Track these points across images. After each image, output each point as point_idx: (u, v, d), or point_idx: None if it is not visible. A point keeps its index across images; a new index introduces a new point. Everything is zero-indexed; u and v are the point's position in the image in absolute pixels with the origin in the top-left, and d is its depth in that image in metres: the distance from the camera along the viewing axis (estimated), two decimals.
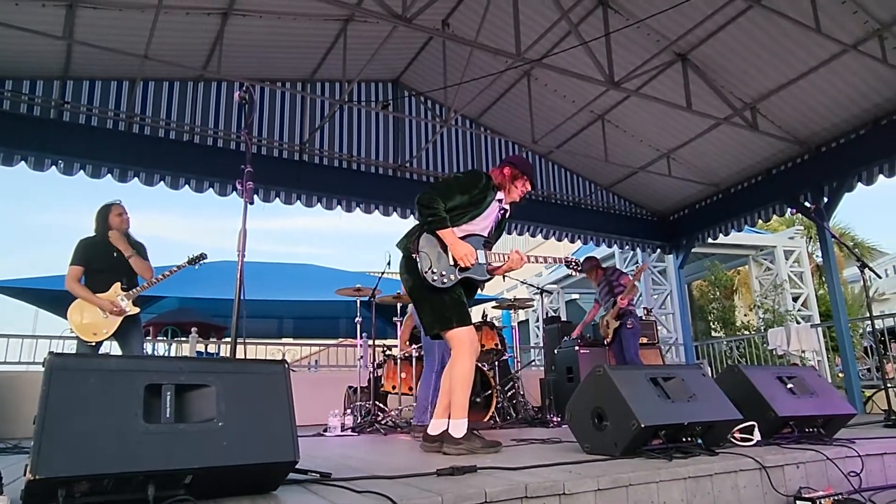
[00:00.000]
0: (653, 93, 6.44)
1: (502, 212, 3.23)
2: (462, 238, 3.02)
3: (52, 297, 7.32)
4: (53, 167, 5.78)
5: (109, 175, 6.00)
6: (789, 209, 7.33)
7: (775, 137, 6.76)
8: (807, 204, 7.15)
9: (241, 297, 2.43)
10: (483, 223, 3.12)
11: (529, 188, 3.23)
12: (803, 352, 8.24)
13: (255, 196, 6.54)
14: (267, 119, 6.83)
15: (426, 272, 2.90)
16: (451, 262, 2.95)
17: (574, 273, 3.71)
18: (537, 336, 13.15)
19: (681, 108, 6.22)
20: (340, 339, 13.72)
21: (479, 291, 3.27)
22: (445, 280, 2.94)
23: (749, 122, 6.58)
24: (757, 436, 2.88)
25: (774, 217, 8.27)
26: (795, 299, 12.14)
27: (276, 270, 10.08)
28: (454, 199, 3.01)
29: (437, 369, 4.39)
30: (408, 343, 5.70)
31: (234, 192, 4.86)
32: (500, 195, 3.17)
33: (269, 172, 6.56)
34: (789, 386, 3.24)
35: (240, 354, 2.49)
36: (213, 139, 6.48)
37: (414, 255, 2.95)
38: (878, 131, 6.37)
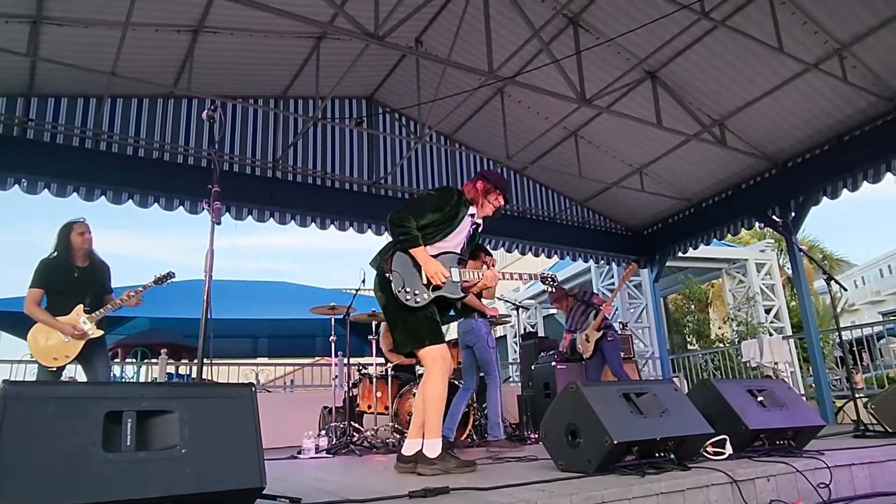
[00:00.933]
0: (624, 110, 6.56)
1: (475, 226, 3.26)
2: (435, 256, 3.05)
3: (13, 320, 7.11)
4: (16, 185, 5.65)
5: (75, 193, 5.89)
6: (758, 223, 7.50)
7: (743, 153, 6.93)
8: (775, 218, 7.33)
9: (209, 318, 2.40)
10: (456, 239, 3.15)
11: (503, 202, 3.26)
12: (776, 363, 8.39)
13: (228, 213, 6.60)
14: (239, 136, 6.79)
15: (399, 291, 2.93)
16: (424, 281, 2.98)
17: (550, 289, 3.71)
18: (515, 352, 13.15)
19: (651, 124, 6.34)
20: (316, 358, 13.58)
21: (452, 310, 3.29)
22: (419, 299, 2.97)
23: (717, 139, 6.74)
24: (729, 449, 2.92)
25: (745, 231, 8.47)
26: (768, 311, 12.41)
27: (250, 288, 9.95)
28: (426, 216, 3.04)
29: (492, 382, 4.72)
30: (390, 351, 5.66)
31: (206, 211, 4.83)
32: (472, 210, 3.21)
33: (242, 189, 6.51)
34: (760, 399, 3.29)
35: (212, 376, 2.45)
36: (183, 156, 6.41)
37: (387, 274, 2.97)
38: (841, 147, 6.58)
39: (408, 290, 2.95)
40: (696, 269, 13.20)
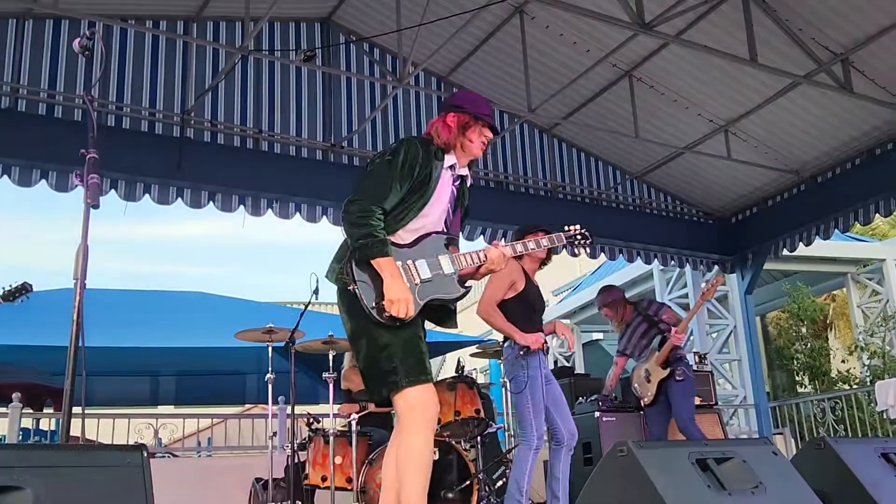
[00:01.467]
0: (703, 39, 6.55)
1: (458, 182, 3.29)
2: (414, 243, 3.08)
3: None
4: None
5: None
6: None
7: (878, 102, 6.94)
8: None
9: (80, 346, 2.39)
10: (436, 211, 3.18)
11: (490, 135, 3.28)
12: None
13: (113, 190, 6.59)
14: (131, 76, 6.76)
15: (374, 306, 2.94)
16: (410, 280, 3.00)
17: (581, 249, 3.64)
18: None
19: (742, 61, 6.33)
20: (246, 406, 13.60)
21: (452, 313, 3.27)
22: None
23: (840, 82, 6.75)
24: None
25: (880, 218, 8.49)
26: None
27: (149, 302, 9.95)
28: (396, 192, 3.06)
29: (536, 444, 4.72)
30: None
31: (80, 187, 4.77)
32: (448, 160, 3.22)
33: (135, 155, 6.48)
34: None
35: (86, 433, 2.44)
36: (45, 106, 6.38)
37: (350, 287, 2.98)
38: None
39: (385, 301, 2.94)
40: (808, 275, 13.21)
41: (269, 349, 5.78)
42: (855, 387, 11.32)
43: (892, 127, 7.52)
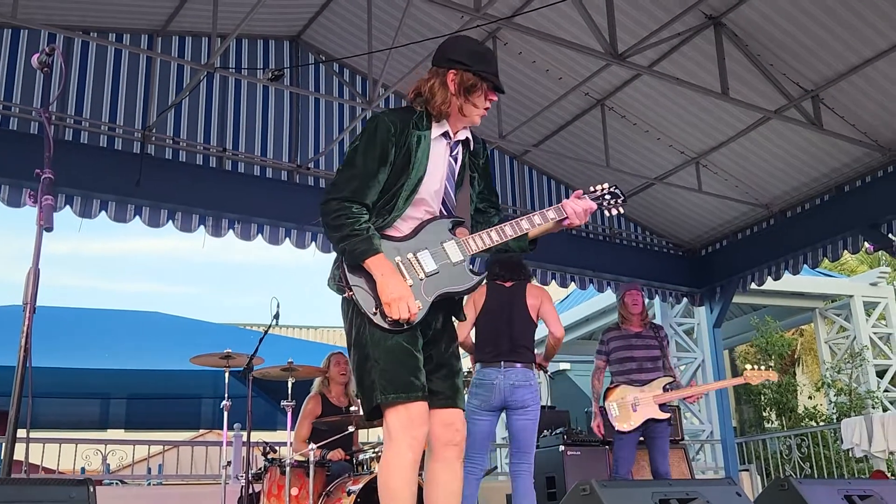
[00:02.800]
0: (675, 71, 6.66)
1: (454, 152, 2.92)
2: (413, 232, 2.79)
3: None
4: None
5: None
6: (867, 243, 7.65)
7: (847, 140, 7.09)
8: (893, 236, 7.50)
9: (27, 367, 2.35)
10: (430, 190, 2.83)
11: (495, 98, 2.90)
12: (892, 453, 8.53)
13: (69, 206, 6.50)
14: (92, 90, 6.70)
15: (374, 313, 2.68)
16: (413, 276, 2.72)
17: (614, 210, 3.09)
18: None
19: (714, 94, 6.44)
20: (202, 432, 13.38)
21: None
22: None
23: (809, 118, 6.88)
24: None
25: (848, 254, 8.63)
26: (882, 374, 12.61)
27: (102, 322, 9.79)
28: (373, 182, 2.75)
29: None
30: (306, 442, 5.60)
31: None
32: (439, 128, 2.86)
33: (92, 171, 6.42)
34: None
35: (30, 458, 2.39)
36: (1, 117, 6.31)
37: (346, 295, 2.74)
38: None
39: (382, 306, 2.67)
40: (776, 310, 13.37)
41: (226, 374, 5.71)
42: (821, 424, 11.44)
43: (860, 164, 7.68)
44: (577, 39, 6.07)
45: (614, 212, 3.10)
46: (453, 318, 2.97)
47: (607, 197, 3.07)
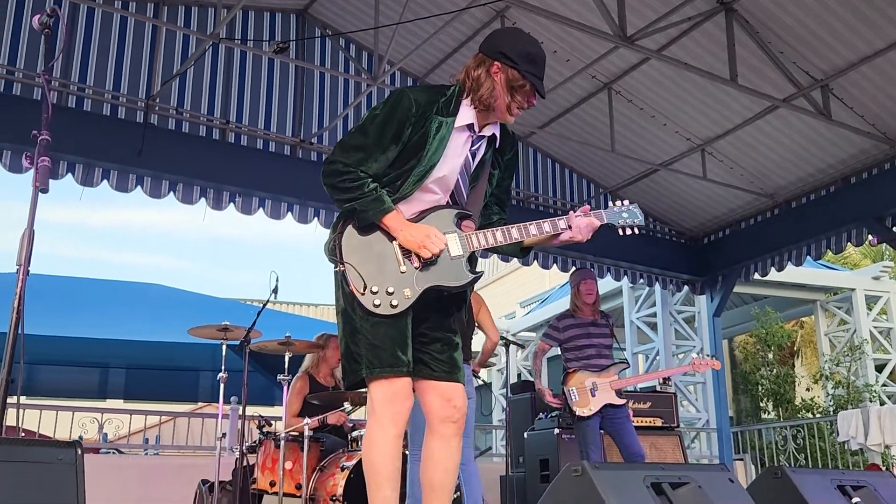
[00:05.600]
0: (683, 56, 6.62)
1: (476, 146, 2.83)
2: (416, 218, 2.77)
3: None
4: None
5: None
6: (871, 236, 7.63)
7: (855, 131, 7.06)
8: None
9: (19, 334, 2.35)
10: (441, 179, 2.79)
11: (535, 102, 2.83)
12: (887, 447, 8.55)
13: (70, 174, 6.48)
14: (96, 57, 6.67)
15: (361, 293, 2.66)
16: (403, 267, 2.69)
17: (627, 231, 3.01)
18: (503, 410, 13.20)
19: (722, 80, 6.41)
20: (200, 405, 13.42)
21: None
22: (395, 301, 2.66)
23: (818, 108, 6.85)
24: None
25: (852, 247, 8.60)
26: (880, 369, 12.63)
27: (104, 292, 9.81)
28: (380, 154, 2.71)
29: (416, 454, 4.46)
30: (298, 416, 5.64)
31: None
32: (464, 117, 2.79)
33: (93, 138, 6.40)
34: (855, 500, 3.34)
35: (25, 423, 2.39)
36: (5, 83, 6.29)
37: (338, 268, 2.71)
38: None
39: (374, 289, 2.66)
40: (777, 301, 13.37)
41: (224, 347, 5.72)
42: (818, 416, 11.46)
43: (867, 156, 7.63)
44: (585, 21, 6.02)
45: (628, 232, 3.01)
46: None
47: (625, 216, 3.00)
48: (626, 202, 3.03)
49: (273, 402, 9.51)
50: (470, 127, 2.79)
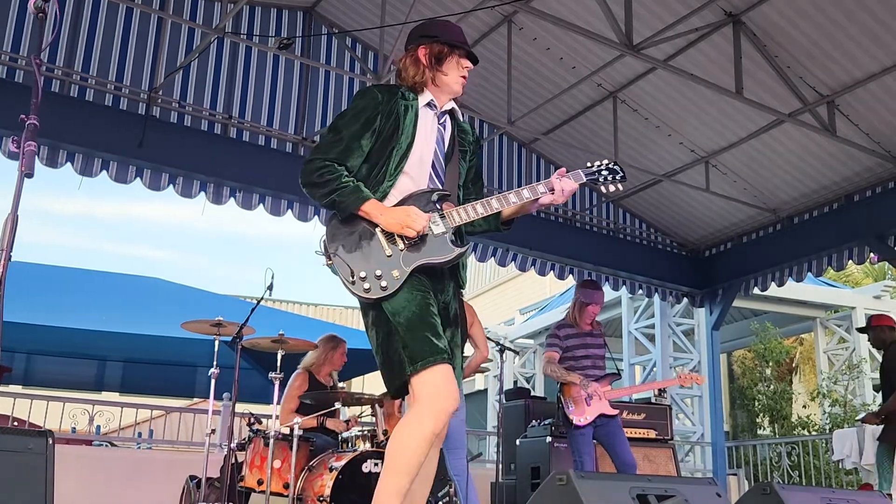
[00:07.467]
0: (690, 67, 6.59)
1: (443, 120, 3.00)
2: (397, 204, 2.82)
3: None
4: None
5: None
6: (872, 254, 7.59)
7: (860, 148, 7.03)
8: None
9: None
10: (420, 156, 2.89)
11: (470, 65, 2.97)
12: None
13: (69, 163, 6.45)
14: (100, 47, 6.65)
15: (352, 282, 2.71)
16: (388, 251, 2.75)
17: (612, 187, 3.09)
18: (497, 415, 13.14)
19: (728, 92, 6.38)
20: (196, 401, 13.40)
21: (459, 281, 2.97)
22: (384, 283, 2.70)
23: (824, 124, 6.82)
24: None
25: (854, 265, 8.57)
26: (878, 388, 12.55)
27: (102, 284, 9.82)
28: (357, 148, 2.83)
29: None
30: (296, 412, 5.62)
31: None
32: (424, 97, 2.95)
33: (96, 129, 6.38)
34: None
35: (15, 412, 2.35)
36: (7, 69, 6.28)
37: (327, 263, 2.78)
38: None
39: (362, 275, 2.71)
40: (777, 316, 13.32)
41: (216, 342, 5.68)
42: (814, 433, 11.40)
43: (871, 174, 7.61)
44: (592, 28, 6.00)
45: (612, 188, 3.12)
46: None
47: (605, 172, 3.11)
48: (604, 161, 3.14)
49: (269, 401, 9.47)
50: (431, 104, 2.95)
